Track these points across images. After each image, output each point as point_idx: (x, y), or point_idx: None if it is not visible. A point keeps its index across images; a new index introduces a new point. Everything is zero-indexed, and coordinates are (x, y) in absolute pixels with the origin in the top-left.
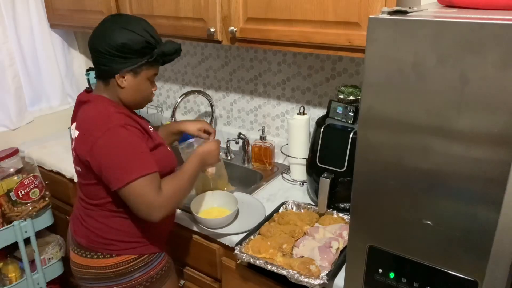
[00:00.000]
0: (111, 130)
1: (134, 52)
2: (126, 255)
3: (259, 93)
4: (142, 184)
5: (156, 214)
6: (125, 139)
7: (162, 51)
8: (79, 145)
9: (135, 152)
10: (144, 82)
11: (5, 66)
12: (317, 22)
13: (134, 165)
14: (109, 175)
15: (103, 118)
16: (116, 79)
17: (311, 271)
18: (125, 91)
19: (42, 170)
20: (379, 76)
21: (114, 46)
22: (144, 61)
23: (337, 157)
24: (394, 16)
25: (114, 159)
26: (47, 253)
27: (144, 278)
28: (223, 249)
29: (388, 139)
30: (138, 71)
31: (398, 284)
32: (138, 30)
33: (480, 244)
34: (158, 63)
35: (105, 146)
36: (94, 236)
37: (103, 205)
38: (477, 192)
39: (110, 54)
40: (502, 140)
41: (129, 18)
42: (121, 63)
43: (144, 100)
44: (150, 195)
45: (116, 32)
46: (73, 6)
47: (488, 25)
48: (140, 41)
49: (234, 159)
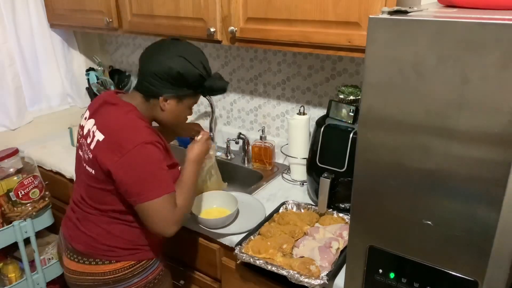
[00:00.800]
0: (141, 146)
1: (186, 83)
2: (126, 261)
3: (259, 93)
4: (163, 202)
5: (172, 229)
6: (153, 157)
7: (211, 87)
8: (103, 151)
9: (161, 170)
10: (185, 110)
11: (5, 66)
12: (317, 22)
13: (159, 184)
14: (132, 190)
15: (134, 131)
16: (159, 101)
17: (311, 271)
18: (164, 114)
19: (42, 170)
20: (379, 76)
21: (169, 73)
22: (191, 92)
23: (337, 157)
24: (394, 16)
25: (141, 175)
26: (47, 253)
27: (142, 284)
28: (223, 249)
29: (388, 139)
30: (182, 99)
31: (398, 284)
32: (195, 61)
33: (480, 244)
34: (201, 94)
35: (134, 162)
36: (94, 242)
37: (106, 211)
38: (477, 192)
39: (162, 78)
40: (502, 140)
41: (188, 47)
42: (169, 89)
43: (177, 124)
44: (168, 213)
45: (174, 60)
46: (73, 6)
47: (488, 25)
48: (195, 74)
49: (234, 159)
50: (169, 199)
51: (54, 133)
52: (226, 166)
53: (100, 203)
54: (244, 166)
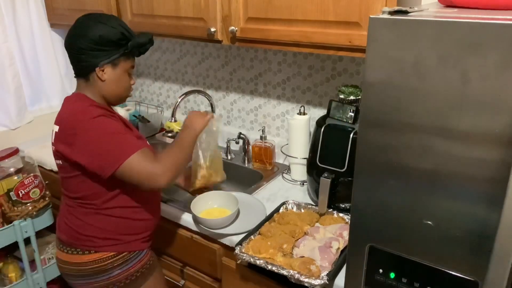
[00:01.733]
0: (90, 121)
1: (111, 44)
2: (104, 252)
3: (259, 93)
4: (136, 159)
5: (162, 180)
6: (107, 126)
7: (137, 42)
8: (60, 140)
9: (120, 135)
10: (123, 75)
11: (5, 66)
12: (317, 22)
13: (123, 147)
14: (100, 162)
15: (82, 112)
16: (96, 72)
17: (311, 271)
18: (106, 84)
19: (42, 169)
20: (380, 76)
21: (92, 40)
22: (121, 53)
23: (338, 157)
24: (395, 16)
25: (102, 146)
26: (47, 253)
27: (124, 276)
28: (224, 249)
29: (388, 139)
30: (117, 63)
31: (399, 284)
32: (113, 23)
33: (480, 244)
34: (133, 55)
35: (89, 136)
36: (74, 232)
37: (82, 199)
38: (477, 192)
39: (89, 48)
40: (502, 140)
41: (102, 14)
42: (100, 57)
43: (124, 93)
44: (148, 166)
45: (93, 27)
46: (73, 6)
47: (488, 25)
48: (116, 33)
49: (234, 159)
50: (142, 155)
51: None
52: (227, 166)
53: (75, 192)
54: (244, 166)
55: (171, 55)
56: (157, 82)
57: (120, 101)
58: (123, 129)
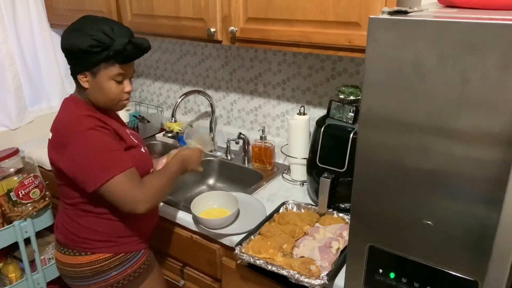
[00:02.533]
0: (81, 133)
1: (82, 52)
2: (101, 253)
3: (259, 93)
4: (121, 180)
5: (142, 207)
6: (97, 141)
7: (114, 49)
8: (51, 148)
9: (109, 152)
10: (107, 82)
11: (5, 66)
12: (317, 22)
13: (110, 164)
14: (84, 177)
15: (74, 122)
16: (79, 79)
17: (311, 271)
18: (90, 92)
19: (42, 170)
20: (380, 76)
21: (65, 49)
22: (98, 61)
23: (337, 157)
24: (395, 16)
25: (88, 162)
26: (47, 253)
27: (121, 277)
28: (223, 249)
29: (388, 139)
30: (95, 71)
31: (399, 284)
32: (90, 30)
33: (480, 244)
34: (116, 62)
35: (77, 150)
36: (70, 234)
37: (75, 204)
38: (477, 192)
39: (67, 56)
40: (502, 140)
41: (86, 19)
42: (77, 64)
43: (113, 101)
44: (131, 190)
45: (68, 34)
46: (73, 6)
47: (488, 25)
48: (87, 41)
49: (234, 159)
50: (128, 176)
51: None
52: (226, 166)
53: (68, 198)
54: (244, 166)
55: (171, 55)
56: (157, 82)
57: (113, 107)
58: (114, 144)
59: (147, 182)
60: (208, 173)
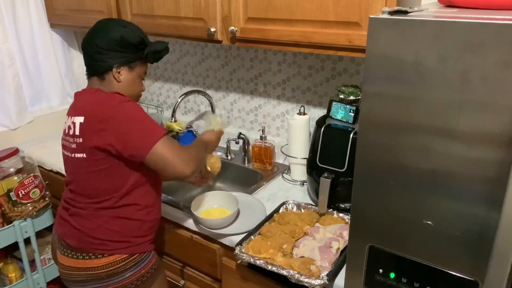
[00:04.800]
0: (120, 105)
1: (131, 46)
2: (118, 255)
3: (259, 93)
4: (166, 142)
5: (190, 167)
6: (135, 109)
7: (154, 49)
8: (88, 129)
9: (148, 118)
10: (137, 79)
11: (5, 66)
12: (317, 22)
13: (153, 129)
14: (135, 143)
15: (108, 99)
16: (113, 72)
17: (311, 271)
18: (121, 85)
19: (42, 170)
20: (380, 76)
21: (113, 40)
22: (138, 57)
23: (338, 157)
24: (395, 16)
25: (135, 129)
26: (47, 253)
27: (135, 277)
28: (223, 249)
29: (388, 139)
30: (133, 67)
31: (399, 284)
32: (133, 28)
33: (480, 244)
34: (148, 61)
35: (121, 121)
36: (86, 236)
37: (98, 196)
38: (477, 192)
39: (109, 48)
40: (502, 140)
41: (122, 20)
42: (118, 58)
43: (135, 97)
44: (177, 150)
45: (114, 28)
46: (73, 6)
47: (488, 25)
48: (136, 36)
49: (234, 159)
50: (168, 138)
51: (54, 133)
52: (226, 166)
53: (92, 196)
54: (244, 166)
55: (171, 55)
56: (157, 82)
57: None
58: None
59: (184, 148)
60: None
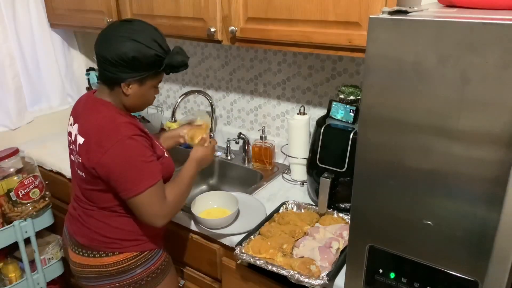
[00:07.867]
0: (120, 142)
1: (143, 65)
2: (128, 253)
3: (259, 93)
4: (150, 194)
5: (161, 222)
6: (134, 151)
7: (171, 64)
8: (86, 153)
9: (143, 162)
10: (149, 90)
11: (5, 66)
12: (317, 22)
13: (143, 176)
14: (118, 186)
15: (112, 129)
16: (121, 87)
17: (311, 271)
18: (129, 98)
19: (42, 170)
20: (380, 76)
21: (123, 59)
22: (151, 73)
23: (338, 157)
24: (395, 16)
25: (123, 171)
26: (47, 253)
27: (145, 274)
28: (223, 249)
29: (388, 139)
30: (144, 81)
31: (399, 284)
32: (148, 41)
33: (480, 244)
34: (164, 72)
35: (115, 158)
36: (96, 235)
37: (104, 207)
38: (477, 192)
39: (119, 64)
40: (502, 140)
41: (138, 27)
42: (128, 73)
43: (146, 105)
44: (156, 205)
45: (126, 44)
46: (73, 6)
47: (488, 25)
48: (150, 55)
49: (234, 159)
50: (156, 190)
51: (54, 133)
52: (226, 166)
53: (96, 202)
54: (244, 166)
55: None
56: None
57: (140, 111)
58: (149, 155)
59: (169, 196)
60: (208, 173)
